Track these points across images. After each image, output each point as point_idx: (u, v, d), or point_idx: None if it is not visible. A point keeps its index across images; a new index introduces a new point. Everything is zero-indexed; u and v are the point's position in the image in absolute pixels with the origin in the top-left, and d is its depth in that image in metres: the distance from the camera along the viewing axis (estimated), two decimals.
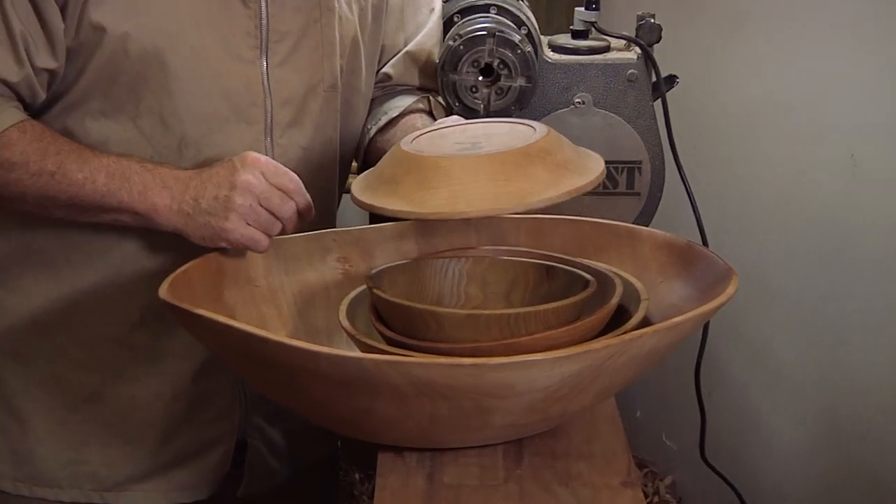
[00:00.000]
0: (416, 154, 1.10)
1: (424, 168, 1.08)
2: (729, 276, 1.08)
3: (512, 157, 1.08)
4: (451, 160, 1.07)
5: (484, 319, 1.02)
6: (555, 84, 1.43)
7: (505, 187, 1.06)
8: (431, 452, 1.08)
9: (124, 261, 1.29)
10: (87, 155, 1.20)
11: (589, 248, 1.27)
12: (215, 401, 1.36)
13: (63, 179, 1.19)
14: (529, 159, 1.09)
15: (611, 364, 0.97)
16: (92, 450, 1.34)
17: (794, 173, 1.85)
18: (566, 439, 1.11)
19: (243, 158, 1.17)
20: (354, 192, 1.13)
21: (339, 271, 1.28)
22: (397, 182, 1.09)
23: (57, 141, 1.20)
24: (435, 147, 1.12)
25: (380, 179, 1.12)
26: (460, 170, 1.06)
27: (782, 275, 1.90)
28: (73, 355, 1.32)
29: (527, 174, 1.07)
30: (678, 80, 1.47)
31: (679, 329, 1.00)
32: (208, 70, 1.24)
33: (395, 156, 1.12)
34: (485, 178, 1.06)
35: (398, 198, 1.07)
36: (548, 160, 1.10)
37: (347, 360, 0.93)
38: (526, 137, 1.11)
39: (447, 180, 1.06)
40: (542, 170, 1.08)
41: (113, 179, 1.19)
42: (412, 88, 1.50)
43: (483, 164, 1.07)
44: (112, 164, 1.19)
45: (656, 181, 1.45)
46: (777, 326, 1.94)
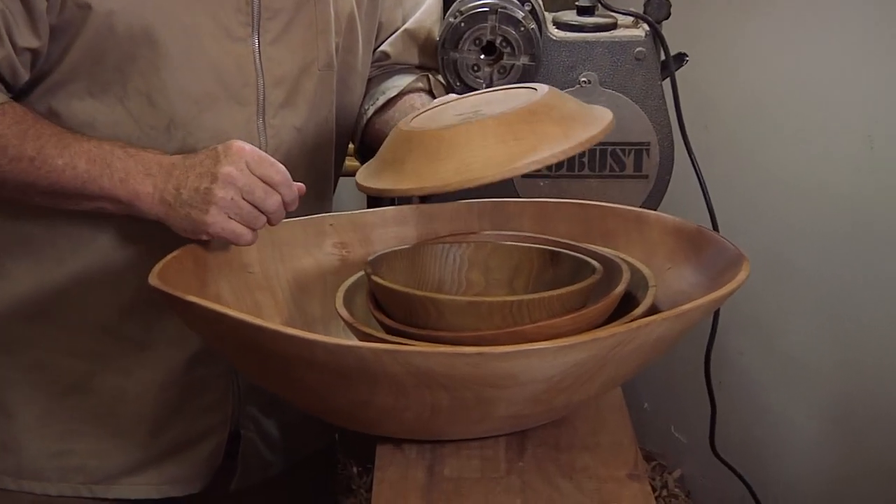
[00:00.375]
0: (417, 130, 1.10)
1: (428, 142, 1.07)
2: (740, 261, 1.09)
3: (517, 117, 1.07)
4: (455, 129, 1.07)
5: (486, 307, 1.03)
6: (559, 63, 1.43)
7: (516, 147, 1.05)
8: (431, 444, 1.08)
9: (112, 246, 1.29)
10: (68, 139, 1.19)
11: (595, 233, 1.27)
12: (208, 390, 1.36)
13: (43, 165, 1.18)
14: (536, 116, 1.08)
15: (617, 353, 0.98)
16: (80, 441, 1.34)
17: (810, 155, 1.85)
18: (571, 431, 1.11)
19: (227, 148, 1.16)
20: (360, 181, 1.13)
21: (336, 257, 1.28)
22: (402, 161, 1.08)
23: (38, 124, 1.20)
24: (435, 122, 1.11)
25: (384, 163, 1.12)
26: (466, 136, 1.06)
27: (796, 260, 1.90)
28: (60, 343, 1.32)
29: (535, 131, 1.07)
30: (688, 58, 1.47)
31: (688, 317, 1.00)
32: (198, 48, 1.24)
33: (396, 137, 1.12)
34: (493, 140, 1.05)
35: (406, 176, 1.07)
36: (553, 114, 1.09)
37: (345, 350, 0.94)
38: (528, 97, 1.11)
39: (454, 149, 1.05)
40: (551, 125, 1.08)
41: (94, 165, 1.18)
42: (411, 67, 1.50)
43: (489, 127, 1.06)
44: (94, 150, 1.19)
45: (665, 163, 1.45)
46: (791, 313, 1.94)
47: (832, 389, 1.87)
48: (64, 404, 1.33)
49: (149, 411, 1.35)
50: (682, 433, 2.31)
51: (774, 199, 1.94)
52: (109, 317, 1.31)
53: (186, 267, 1.14)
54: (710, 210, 1.44)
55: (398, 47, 1.48)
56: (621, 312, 1.07)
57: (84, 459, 1.34)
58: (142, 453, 1.36)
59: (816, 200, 1.84)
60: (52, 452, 1.34)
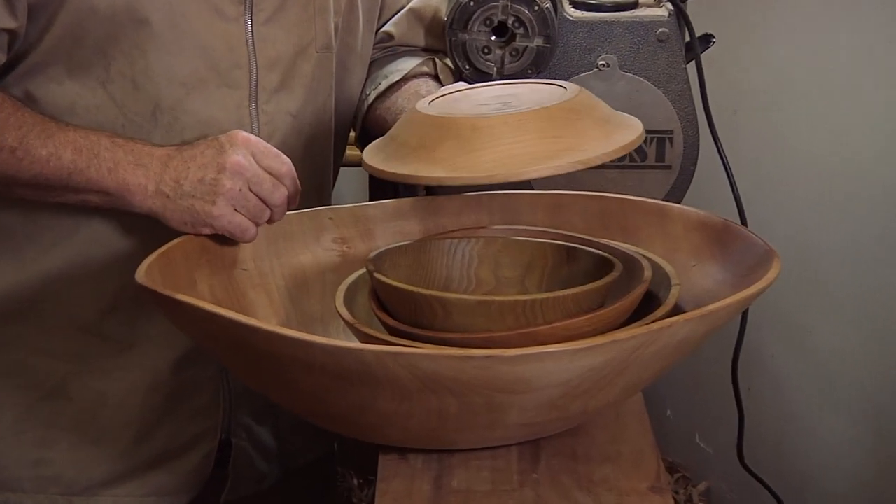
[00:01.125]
0: (446, 116, 1.10)
1: (460, 130, 1.07)
2: (770, 258, 1.09)
3: (558, 113, 1.08)
4: (491, 119, 1.07)
5: (497, 306, 1.03)
6: (576, 44, 1.43)
7: (557, 144, 1.06)
8: (438, 454, 1.08)
9: (95, 240, 1.29)
10: (51, 128, 1.20)
11: (614, 228, 1.27)
12: (196, 395, 1.37)
13: (25, 156, 1.19)
14: (576, 114, 1.09)
15: (638, 356, 0.98)
16: (58, 449, 1.35)
17: (847, 143, 1.85)
18: (588, 440, 1.11)
19: (232, 137, 1.17)
20: (374, 164, 1.12)
21: (336, 253, 1.29)
22: (431, 148, 1.08)
23: (18, 112, 1.20)
24: (461, 110, 1.12)
25: (405, 147, 1.11)
26: (504, 128, 1.06)
27: (831, 257, 1.90)
28: (37, 344, 1.32)
29: (577, 130, 1.08)
30: (715, 39, 1.47)
31: (714, 317, 1.01)
32: (185, 27, 1.24)
33: (419, 121, 1.12)
34: (534, 135, 1.06)
35: (438, 164, 1.07)
36: (592, 115, 1.10)
37: (345, 352, 0.94)
38: (561, 94, 1.12)
39: (492, 141, 1.06)
40: (591, 125, 1.09)
41: (80, 155, 1.19)
42: (416, 49, 1.50)
43: (529, 120, 1.07)
44: (80, 140, 1.19)
45: (689, 153, 1.46)
46: (825, 314, 1.94)
47: (869, 396, 1.87)
48: (42, 409, 1.34)
49: (133, 417, 1.35)
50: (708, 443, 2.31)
51: (807, 190, 1.94)
52: (91, 315, 1.32)
53: (175, 263, 1.14)
54: (738, 203, 1.44)
55: (402, 27, 1.48)
56: (642, 313, 1.08)
57: (62, 468, 1.35)
58: (125, 462, 1.36)
59: (853, 192, 1.84)
60: (28, 461, 1.34)
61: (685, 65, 1.45)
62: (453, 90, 1.20)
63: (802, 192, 1.95)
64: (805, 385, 2.01)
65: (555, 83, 1.17)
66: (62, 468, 1.35)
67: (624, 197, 1.29)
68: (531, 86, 1.18)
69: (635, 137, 1.10)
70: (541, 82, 1.19)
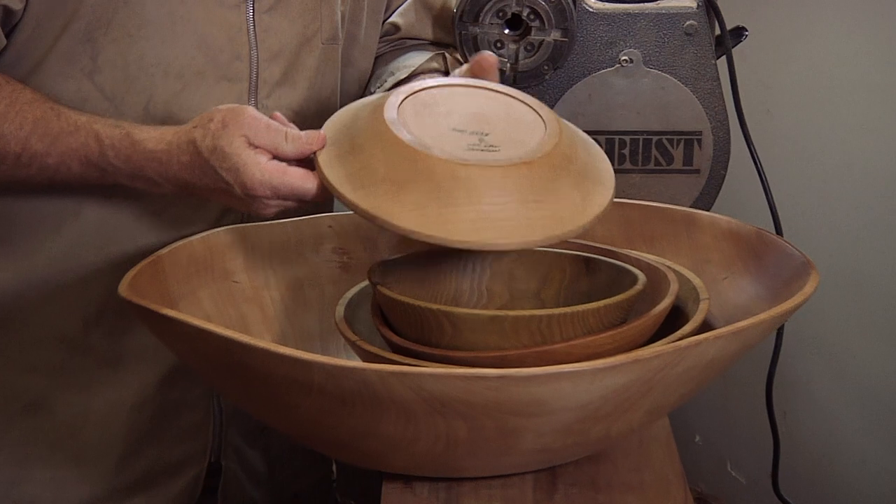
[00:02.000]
0: (422, 151, 1.08)
1: (437, 175, 1.07)
2: (807, 271, 1.09)
3: (539, 171, 1.09)
4: (471, 169, 1.07)
5: (510, 322, 1.03)
6: (597, 38, 1.44)
7: (536, 211, 1.07)
8: (446, 482, 1.08)
9: (80, 242, 1.29)
10: (52, 130, 1.19)
11: (637, 237, 1.27)
12: (185, 414, 1.37)
13: (31, 162, 1.19)
14: (555, 172, 1.10)
15: (663, 377, 0.98)
16: (35, 469, 1.35)
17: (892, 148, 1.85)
18: (609, 467, 1.11)
19: (243, 185, 1.12)
20: (337, 185, 1.09)
21: (336, 264, 1.29)
22: (400, 184, 1.07)
23: (17, 105, 1.19)
24: (431, 134, 1.10)
25: (369, 172, 1.09)
26: (485, 185, 1.06)
27: (873, 270, 1.90)
28: (13, 356, 1.33)
29: (557, 194, 1.09)
30: (747, 32, 1.47)
31: (747, 335, 1.01)
32: (182, 14, 1.24)
33: (388, 140, 1.09)
34: (514, 198, 1.07)
35: (407, 211, 1.06)
36: (571, 169, 1.11)
37: (346, 372, 0.94)
38: (537, 132, 1.12)
39: (469, 197, 1.06)
40: (569, 185, 1.10)
41: (89, 169, 1.19)
42: (424, 43, 1.50)
43: (510, 178, 1.07)
44: (80, 149, 1.18)
45: (719, 156, 1.46)
46: (866, 332, 1.94)
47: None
48: (19, 425, 1.34)
49: (116, 436, 1.35)
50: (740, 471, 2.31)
51: (848, 197, 1.93)
52: (73, 326, 1.32)
53: (162, 275, 1.14)
54: (773, 210, 1.44)
55: (409, 18, 1.49)
56: (668, 330, 1.08)
57: (39, 490, 1.35)
58: (106, 485, 1.36)
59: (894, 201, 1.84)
60: (4, 481, 1.35)
61: (715, 60, 1.45)
62: (424, 87, 1.18)
63: (842, 199, 1.94)
64: (845, 409, 2.01)
65: (530, 103, 1.17)
66: (39, 489, 1.35)
67: (648, 204, 1.29)
68: (506, 105, 1.17)
69: (609, 197, 1.12)
70: (515, 97, 1.18)
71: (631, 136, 1.45)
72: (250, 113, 1.12)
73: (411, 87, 1.16)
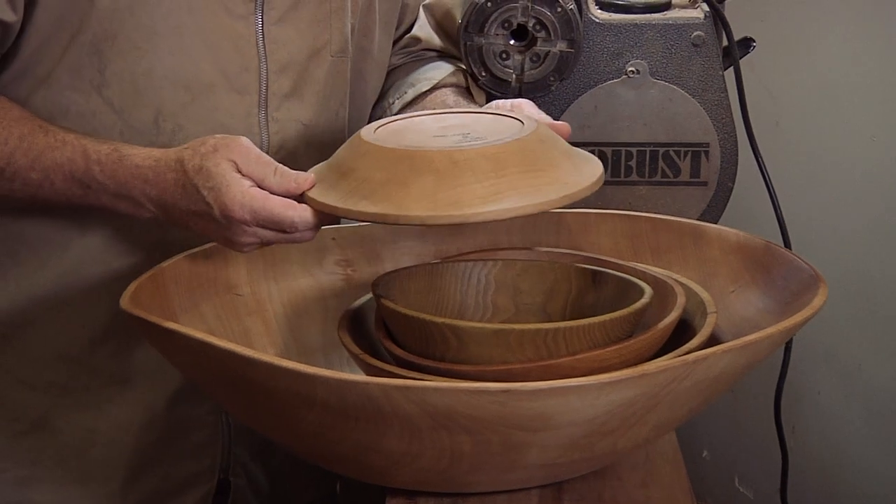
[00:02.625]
0: (415, 149, 1.08)
1: (436, 164, 1.06)
2: (816, 284, 1.09)
3: (532, 145, 1.08)
4: (468, 152, 1.06)
5: (515, 336, 1.03)
6: (603, 49, 1.44)
7: (541, 178, 1.06)
8: (451, 498, 1.08)
9: (86, 259, 1.29)
10: (38, 145, 1.18)
11: (644, 249, 1.27)
12: (193, 432, 1.37)
13: (16, 177, 1.19)
14: (546, 147, 1.10)
15: (671, 391, 0.98)
16: (40, 489, 1.34)
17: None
18: (616, 483, 1.11)
19: (222, 208, 1.10)
20: (334, 203, 1.08)
21: (340, 277, 1.29)
22: (403, 183, 1.06)
23: (5, 121, 1.19)
24: (418, 142, 1.10)
25: (368, 183, 1.08)
26: (485, 162, 1.06)
27: (883, 284, 1.90)
28: (18, 374, 1.32)
29: (553, 164, 1.08)
30: (755, 44, 1.47)
31: (755, 348, 1.00)
32: (190, 25, 1.24)
33: (375, 153, 1.09)
34: (518, 169, 1.06)
35: (417, 202, 1.05)
36: (558, 147, 1.11)
37: (349, 386, 0.94)
38: (515, 126, 1.12)
39: (474, 175, 1.05)
40: (562, 157, 1.10)
41: (72, 185, 1.18)
42: (443, 55, 1.50)
43: (507, 153, 1.07)
44: (65, 164, 1.17)
45: (727, 168, 1.46)
46: (876, 346, 1.93)
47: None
48: (23, 445, 1.34)
49: (123, 456, 1.35)
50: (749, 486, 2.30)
51: (857, 210, 1.93)
52: (79, 344, 1.32)
53: (164, 288, 1.14)
54: (781, 223, 1.44)
55: (427, 30, 1.49)
56: (675, 343, 1.07)
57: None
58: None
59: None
60: (8, 501, 1.34)
61: (722, 71, 1.45)
62: (391, 120, 1.18)
63: (851, 211, 1.94)
64: (854, 424, 2.00)
65: (497, 112, 1.17)
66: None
67: (655, 216, 1.29)
68: (476, 116, 1.18)
69: (601, 170, 1.11)
70: (484, 112, 1.19)
71: (638, 148, 1.45)
72: (244, 142, 1.11)
73: (378, 121, 1.16)
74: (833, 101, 1.96)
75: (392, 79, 1.50)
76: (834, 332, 1.93)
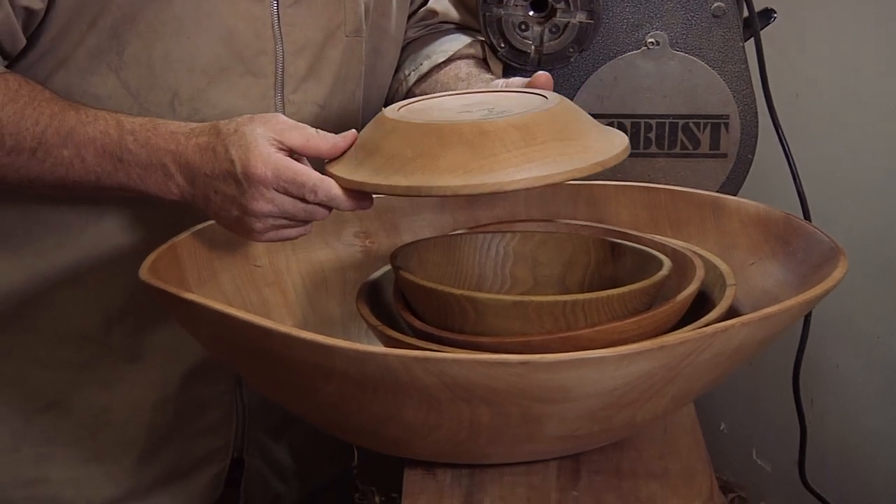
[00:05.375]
0: (444, 123, 1.08)
1: (466, 136, 1.05)
2: (836, 256, 1.08)
3: (560, 116, 1.08)
4: (498, 123, 1.06)
5: (534, 308, 1.03)
6: (623, 20, 1.43)
7: (573, 146, 1.06)
8: (469, 469, 1.08)
9: (103, 240, 1.29)
10: (70, 121, 1.18)
11: (663, 222, 1.27)
12: (208, 411, 1.37)
13: (46, 157, 1.18)
14: (573, 116, 1.10)
15: (689, 363, 0.98)
16: (56, 467, 1.35)
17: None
18: (634, 455, 1.11)
19: (247, 175, 1.10)
20: (364, 179, 1.08)
21: (358, 248, 1.29)
22: (434, 156, 1.06)
23: (35, 102, 1.18)
24: (443, 118, 1.10)
25: (398, 158, 1.08)
26: (515, 132, 1.05)
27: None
28: (34, 353, 1.32)
29: (582, 132, 1.08)
30: (776, 14, 1.46)
31: (774, 321, 1.00)
32: (207, 9, 1.24)
33: (402, 129, 1.09)
34: (549, 137, 1.06)
35: (451, 174, 1.04)
36: (583, 118, 1.11)
37: (367, 357, 0.94)
38: (538, 100, 1.12)
39: (505, 145, 1.05)
40: (590, 126, 1.10)
41: (104, 159, 1.17)
42: (460, 27, 1.50)
43: (537, 123, 1.07)
44: (98, 138, 1.17)
45: (747, 140, 1.45)
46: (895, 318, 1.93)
47: None
48: (39, 423, 1.34)
49: (137, 433, 1.36)
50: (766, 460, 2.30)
51: (877, 182, 1.93)
52: (96, 323, 1.32)
53: (182, 260, 1.14)
54: (801, 195, 1.44)
55: (444, 3, 1.49)
56: (694, 316, 1.08)
57: (59, 489, 1.35)
58: (128, 483, 1.36)
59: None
60: (22, 480, 1.34)
61: (743, 43, 1.44)
62: (413, 101, 1.18)
63: (871, 184, 1.94)
64: (873, 397, 2.00)
65: (515, 90, 1.17)
66: (60, 488, 1.35)
67: (674, 188, 1.29)
68: (500, 94, 1.18)
69: (626, 141, 1.11)
70: (500, 90, 1.19)
71: (657, 120, 1.44)
72: (281, 117, 1.12)
73: (400, 102, 1.17)
74: (853, 73, 1.95)
75: (408, 51, 1.50)
76: (853, 304, 1.93)
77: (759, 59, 1.44)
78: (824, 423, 2.00)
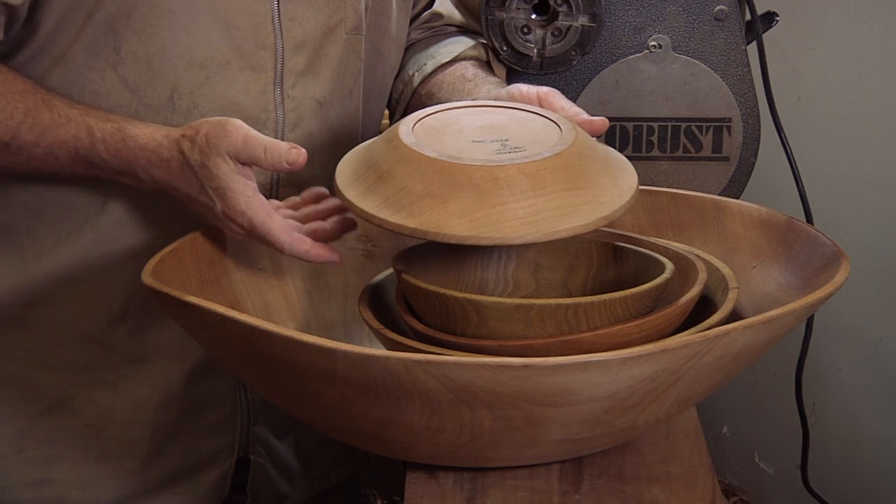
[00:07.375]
0: (456, 163, 1.08)
1: (476, 180, 1.06)
2: (838, 260, 1.08)
3: (570, 161, 1.09)
4: (508, 169, 1.07)
5: (536, 311, 1.03)
6: (625, 23, 1.43)
7: (580, 197, 1.07)
8: (471, 473, 1.08)
9: (104, 237, 1.29)
10: (44, 120, 1.19)
11: (666, 225, 1.27)
12: (212, 410, 1.37)
13: (20, 151, 1.19)
14: (584, 160, 1.10)
15: (692, 367, 0.98)
16: (60, 468, 1.35)
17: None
18: (636, 458, 1.11)
19: (226, 215, 1.15)
20: (373, 212, 1.09)
21: (360, 252, 1.29)
22: (443, 198, 1.07)
23: (9, 94, 1.19)
24: (455, 148, 1.10)
25: (407, 193, 1.08)
26: (524, 180, 1.06)
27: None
28: (37, 354, 1.32)
29: (591, 179, 1.09)
30: (778, 18, 1.46)
31: (776, 324, 1.00)
32: (205, 2, 1.24)
33: (416, 162, 1.09)
34: (557, 188, 1.07)
35: (457, 219, 1.06)
36: (595, 157, 1.12)
37: (370, 360, 0.94)
38: (553, 130, 1.12)
39: (513, 194, 1.06)
40: (599, 171, 1.10)
41: (77, 162, 1.19)
42: (464, 30, 1.50)
43: (547, 170, 1.07)
44: (70, 141, 1.18)
45: (749, 143, 1.45)
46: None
47: None
48: (43, 425, 1.34)
49: (142, 434, 1.36)
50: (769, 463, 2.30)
51: (879, 185, 1.93)
52: (99, 323, 1.32)
53: (185, 263, 1.14)
54: (803, 198, 1.44)
55: (449, 5, 1.49)
56: (696, 319, 1.07)
57: (65, 489, 1.35)
58: (133, 483, 1.36)
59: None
60: (28, 481, 1.34)
61: (745, 46, 1.44)
62: (428, 113, 1.18)
63: (874, 187, 1.93)
64: (875, 400, 2.00)
65: (531, 109, 1.18)
66: (65, 489, 1.35)
67: (677, 191, 1.29)
68: (510, 114, 1.18)
69: (636, 179, 1.13)
70: (516, 108, 1.19)
71: (659, 123, 1.44)
72: (233, 128, 1.14)
73: (415, 115, 1.17)
74: (856, 76, 1.95)
75: (411, 52, 1.50)
76: (855, 308, 1.93)
77: (761, 63, 1.44)
78: (827, 427, 2.00)
